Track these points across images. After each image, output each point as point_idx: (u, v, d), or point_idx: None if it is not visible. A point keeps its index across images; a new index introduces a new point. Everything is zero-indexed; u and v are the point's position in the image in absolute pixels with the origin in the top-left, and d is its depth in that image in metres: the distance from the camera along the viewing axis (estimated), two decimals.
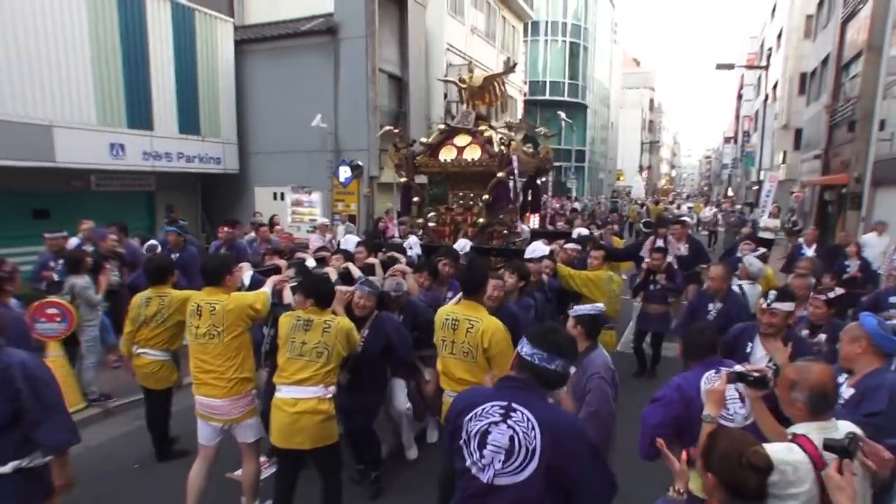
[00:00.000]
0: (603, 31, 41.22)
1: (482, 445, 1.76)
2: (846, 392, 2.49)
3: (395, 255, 5.11)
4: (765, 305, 3.14)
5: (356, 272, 4.26)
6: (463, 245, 5.36)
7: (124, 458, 4.29)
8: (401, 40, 13.97)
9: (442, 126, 6.42)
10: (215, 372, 3.26)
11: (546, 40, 33.37)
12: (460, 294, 3.51)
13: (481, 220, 5.88)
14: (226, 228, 7.37)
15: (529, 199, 7.25)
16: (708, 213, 21.93)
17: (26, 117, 9.00)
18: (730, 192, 41.05)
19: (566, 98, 33.48)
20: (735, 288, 4.92)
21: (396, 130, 6.58)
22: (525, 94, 26.74)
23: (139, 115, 11.02)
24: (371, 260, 4.83)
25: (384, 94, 13.59)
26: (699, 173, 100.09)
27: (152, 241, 6.80)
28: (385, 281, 4.06)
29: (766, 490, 1.63)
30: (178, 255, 6.43)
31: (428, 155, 6.16)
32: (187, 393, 3.59)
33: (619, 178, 43.30)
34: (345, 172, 12.27)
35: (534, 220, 7.11)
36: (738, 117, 44.99)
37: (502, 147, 5.56)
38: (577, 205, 21.31)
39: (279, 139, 13.24)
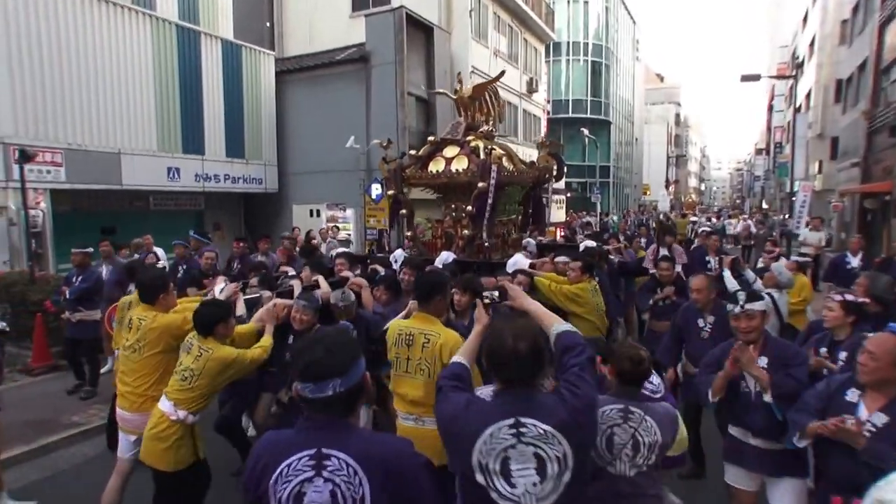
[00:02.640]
0: (625, 49, 41.80)
1: None
2: (875, 418, 2.17)
3: (378, 268, 4.90)
4: (737, 310, 2.82)
5: (324, 286, 4.05)
6: (445, 258, 5.15)
7: None
8: (427, 65, 14.86)
9: (432, 138, 6.36)
10: (130, 385, 3.27)
11: (568, 60, 34.17)
12: (407, 308, 3.24)
13: (466, 231, 5.68)
14: (241, 244, 7.68)
15: (531, 210, 6.94)
16: (739, 226, 21.22)
17: (100, 146, 10.21)
18: (764, 205, 40.40)
19: (589, 115, 34.04)
20: (765, 296, 4.46)
21: (385, 144, 6.44)
22: (548, 113, 27.43)
23: (193, 141, 12.19)
24: (346, 273, 4.58)
25: (413, 115, 14.44)
26: (730, 186, 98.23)
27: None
28: (332, 293, 3.82)
29: (634, 378, 2.27)
30: (185, 267, 6.71)
31: (418, 167, 6.03)
32: None
33: (645, 193, 43.22)
34: (376, 190, 13.03)
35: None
36: (769, 128, 44.26)
37: (486, 156, 5.45)
38: (589, 219, 21.25)
39: (315, 160, 14.23)
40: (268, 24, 16.15)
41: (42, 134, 9.30)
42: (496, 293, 2.37)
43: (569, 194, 28.34)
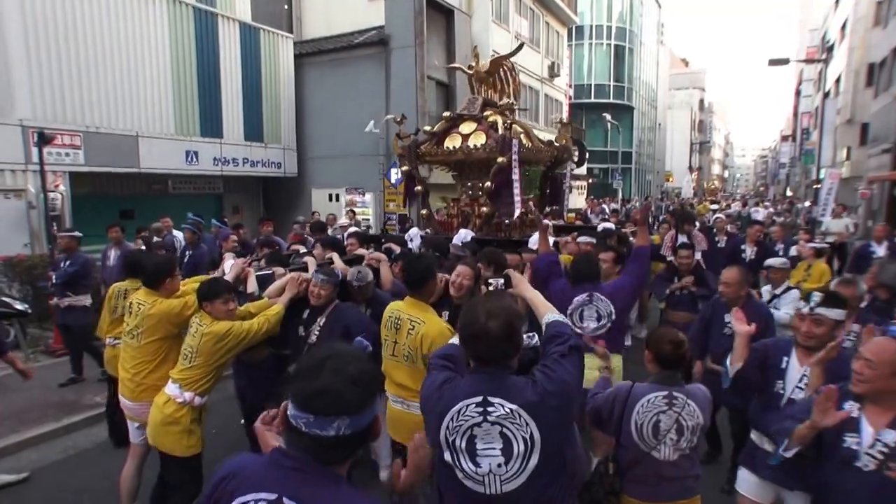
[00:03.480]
0: (649, 33, 40.62)
1: None
2: (884, 435, 1.87)
3: (393, 246, 4.82)
4: (806, 310, 2.49)
5: (339, 263, 3.97)
6: (464, 236, 5.04)
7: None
8: (448, 48, 14.53)
9: (447, 113, 6.15)
10: (129, 373, 3.19)
11: (590, 44, 33.31)
12: None
13: (484, 209, 5.52)
14: (240, 232, 7.58)
15: (549, 192, 6.73)
16: (761, 214, 20.98)
17: (117, 129, 10.15)
18: (788, 193, 39.33)
19: (612, 100, 33.26)
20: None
21: (398, 120, 6.24)
22: (570, 98, 26.80)
23: (211, 124, 12.08)
24: (360, 251, 4.55)
25: (432, 99, 14.14)
26: (754, 173, 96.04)
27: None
28: (349, 270, 3.69)
29: (675, 361, 2.27)
30: (191, 252, 6.71)
31: (434, 144, 5.84)
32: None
33: (668, 180, 42.34)
34: (396, 174, 12.87)
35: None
36: (796, 114, 43.01)
37: (505, 131, 5.27)
38: (614, 206, 20.73)
39: (334, 144, 14.06)
40: (286, 7, 15.90)
41: (60, 116, 9.25)
42: (501, 280, 2.37)
43: (590, 180, 27.81)
